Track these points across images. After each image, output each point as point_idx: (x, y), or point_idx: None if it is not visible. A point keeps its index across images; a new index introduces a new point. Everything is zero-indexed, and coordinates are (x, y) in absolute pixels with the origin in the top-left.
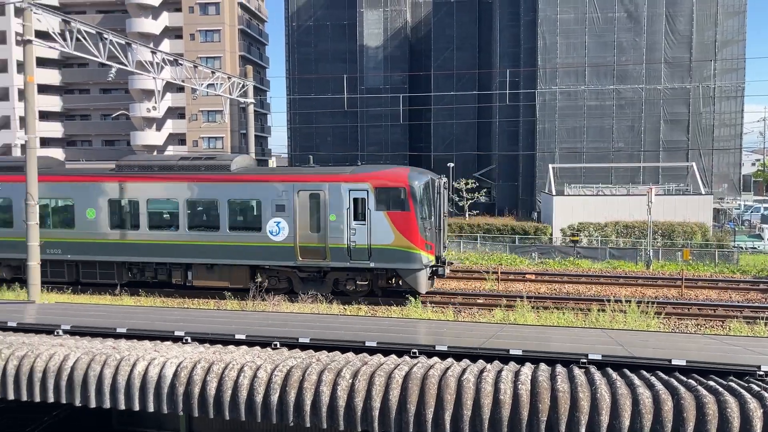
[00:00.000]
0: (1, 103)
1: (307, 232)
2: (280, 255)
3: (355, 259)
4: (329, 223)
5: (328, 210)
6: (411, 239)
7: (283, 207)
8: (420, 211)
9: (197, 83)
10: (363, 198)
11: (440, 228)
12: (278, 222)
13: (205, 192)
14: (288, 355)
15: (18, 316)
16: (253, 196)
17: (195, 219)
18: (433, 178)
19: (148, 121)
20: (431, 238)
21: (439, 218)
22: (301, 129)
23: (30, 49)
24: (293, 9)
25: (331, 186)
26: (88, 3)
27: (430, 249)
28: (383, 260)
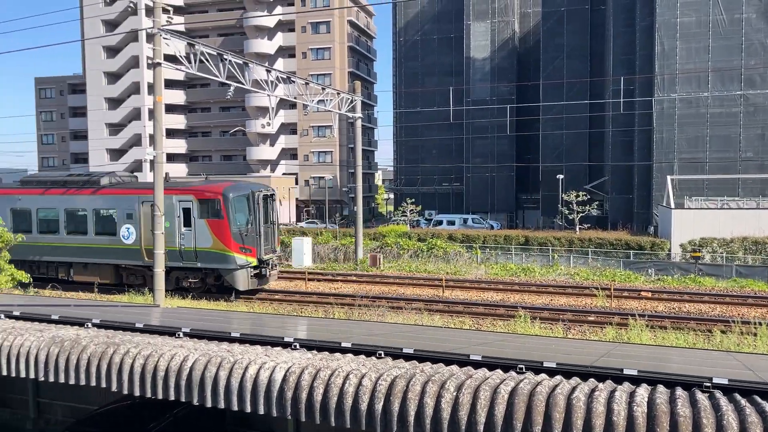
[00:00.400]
0: (134, 122)
1: (150, 236)
2: (131, 256)
3: (186, 260)
4: (165, 228)
5: (164, 218)
6: (225, 243)
7: (131, 215)
8: (234, 219)
9: (308, 99)
10: (189, 208)
11: (260, 234)
12: (128, 228)
13: (78, 203)
14: (392, 365)
15: (144, 318)
16: (111, 206)
17: (71, 225)
18: (254, 191)
19: (262, 136)
20: (249, 242)
21: (259, 226)
22: (407, 142)
23: (159, 72)
24: (401, 25)
25: (165, 198)
26: (210, 27)
27: (248, 252)
28: (206, 261)
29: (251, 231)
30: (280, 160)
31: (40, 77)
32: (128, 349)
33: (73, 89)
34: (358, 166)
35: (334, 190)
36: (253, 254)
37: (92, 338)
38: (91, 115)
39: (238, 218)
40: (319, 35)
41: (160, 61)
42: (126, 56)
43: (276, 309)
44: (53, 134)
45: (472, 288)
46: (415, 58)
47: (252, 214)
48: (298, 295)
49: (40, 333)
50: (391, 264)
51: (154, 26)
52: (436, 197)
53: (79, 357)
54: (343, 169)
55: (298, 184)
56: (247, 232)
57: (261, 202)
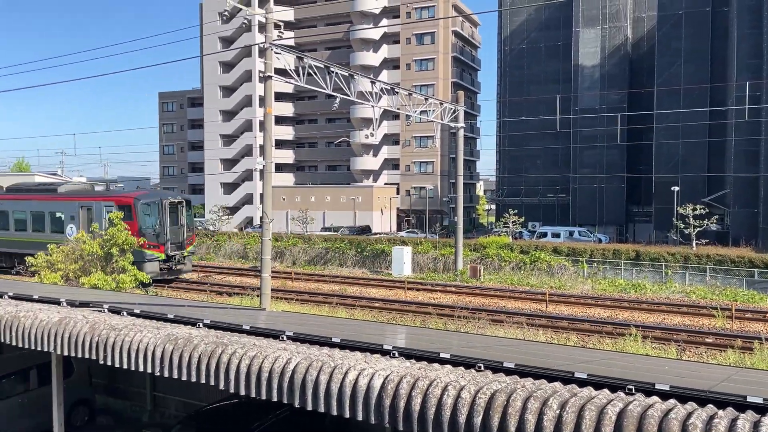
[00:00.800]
0: (246, 133)
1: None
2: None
3: None
4: (95, 228)
5: (95, 218)
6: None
7: (74, 217)
8: (142, 221)
9: (411, 110)
10: (112, 210)
11: (167, 234)
12: (72, 226)
13: (39, 206)
14: (492, 378)
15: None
16: (60, 210)
17: (35, 224)
18: (162, 198)
19: (366, 147)
20: (157, 239)
21: (166, 227)
22: (511, 152)
23: (270, 84)
24: (506, 33)
25: (95, 203)
26: (318, 41)
27: (156, 248)
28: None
29: (159, 231)
30: (382, 170)
31: (163, 92)
32: (235, 349)
33: (191, 103)
34: (459, 175)
35: (435, 200)
36: (161, 250)
37: (203, 338)
38: (207, 127)
39: (146, 220)
40: (423, 46)
41: (271, 74)
42: (240, 71)
43: (375, 316)
44: (173, 145)
45: (577, 303)
46: (520, 67)
47: (160, 217)
48: (397, 303)
49: (157, 330)
50: (491, 276)
51: (266, 41)
52: (540, 208)
53: (191, 355)
54: (444, 179)
55: (399, 193)
56: (154, 230)
57: (168, 207)
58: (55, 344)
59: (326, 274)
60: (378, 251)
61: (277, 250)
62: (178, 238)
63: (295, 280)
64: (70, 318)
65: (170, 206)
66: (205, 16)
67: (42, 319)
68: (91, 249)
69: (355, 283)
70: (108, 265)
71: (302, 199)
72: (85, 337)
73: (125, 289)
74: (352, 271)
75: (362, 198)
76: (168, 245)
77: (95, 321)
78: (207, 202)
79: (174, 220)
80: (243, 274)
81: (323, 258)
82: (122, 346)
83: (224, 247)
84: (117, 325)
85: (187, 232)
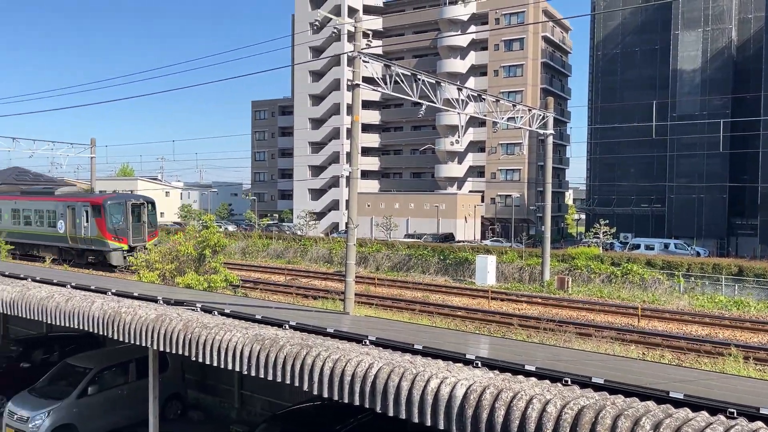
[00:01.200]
0: (333, 140)
1: (72, 228)
2: (63, 240)
3: (88, 244)
4: (76, 223)
5: (76, 216)
6: (103, 233)
7: (63, 214)
8: (109, 218)
9: (498, 117)
10: (88, 210)
11: (129, 229)
12: (62, 222)
13: (41, 206)
14: (579, 393)
15: (335, 324)
16: (54, 209)
17: (37, 220)
18: (126, 200)
19: (450, 154)
20: (121, 234)
21: (129, 223)
22: (602, 160)
23: (357, 92)
24: (599, 38)
25: (77, 203)
26: (405, 50)
27: (120, 240)
28: (96, 245)
29: (123, 226)
30: (467, 177)
31: (256, 101)
32: (319, 351)
33: (282, 111)
34: (547, 183)
35: (521, 208)
36: (125, 242)
37: (289, 339)
38: (296, 134)
39: (113, 218)
40: (511, 53)
41: (359, 82)
42: (328, 80)
43: (457, 325)
44: (264, 152)
45: (672, 319)
46: (613, 72)
47: (124, 215)
48: (480, 313)
49: (246, 330)
50: (580, 288)
51: (354, 50)
52: (632, 219)
53: (276, 355)
54: (531, 187)
55: (483, 201)
56: (119, 227)
57: (131, 208)
58: (152, 340)
59: (409, 280)
60: (461, 259)
61: (361, 256)
62: (140, 232)
63: (378, 285)
64: (166, 315)
65: (133, 207)
66: (297, 26)
67: (141, 315)
68: (186, 250)
69: (437, 291)
70: (201, 266)
71: (386, 206)
72: (179, 334)
73: (216, 289)
74: (435, 278)
75: (446, 205)
76: (130, 238)
77: (189, 319)
78: (295, 207)
79: (137, 218)
80: (328, 278)
81: (406, 264)
82: (213, 345)
83: (310, 252)
84: (208, 323)
85: (149, 228)
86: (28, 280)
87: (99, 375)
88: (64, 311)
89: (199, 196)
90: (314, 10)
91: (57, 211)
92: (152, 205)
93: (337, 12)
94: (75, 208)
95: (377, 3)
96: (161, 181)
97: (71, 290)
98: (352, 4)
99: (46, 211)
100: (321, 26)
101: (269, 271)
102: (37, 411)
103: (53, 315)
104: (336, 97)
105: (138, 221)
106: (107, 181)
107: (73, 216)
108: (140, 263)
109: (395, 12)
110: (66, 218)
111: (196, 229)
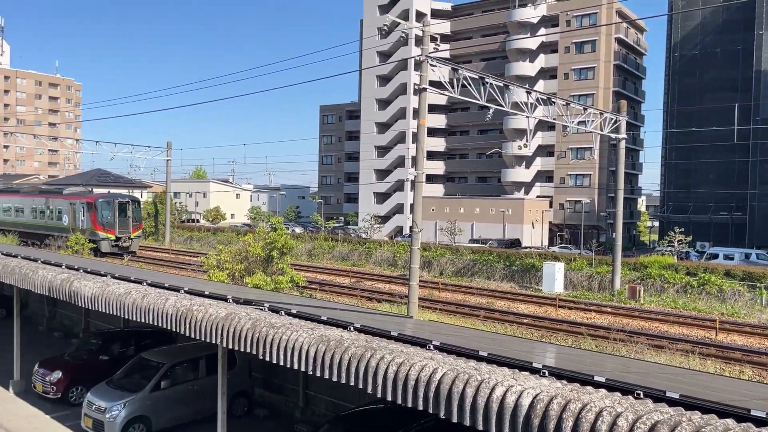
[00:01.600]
0: (399, 144)
1: (72, 221)
2: (66, 231)
3: (84, 234)
4: (75, 217)
5: (77, 212)
6: (94, 226)
7: (67, 210)
8: (99, 213)
9: (568, 120)
10: (84, 206)
11: (116, 222)
12: (65, 216)
13: (51, 203)
14: (653, 408)
15: (398, 328)
16: (60, 206)
17: (47, 214)
18: (114, 199)
19: (518, 158)
20: (109, 226)
21: (116, 218)
22: (678, 165)
23: (424, 96)
24: (676, 39)
25: (77, 201)
26: (473, 53)
27: (108, 231)
28: (89, 235)
29: (110, 220)
30: (534, 182)
31: (324, 105)
32: (383, 355)
33: (349, 115)
34: (619, 189)
35: (591, 214)
36: (112, 233)
37: (353, 341)
38: (362, 138)
39: (102, 213)
40: (583, 55)
41: (426, 86)
42: (395, 84)
43: (523, 333)
44: (332, 155)
45: (753, 333)
46: (691, 74)
47: (112, 211)
48: (547, 321)
49: (311, 331)
50: (652, 298)
51: (422, 54)
52: (710, 227)
53: (341, 357)
54: (601, 193)
55: (552, 207)
56: (107, 221)
57: (118, 205)
58: (222, 337)
59: (473, 286)
60: (528, 266)
61: (425, 260)
62: (125, 226)
63: (441, 290)
64: (236, 314)
65: (120, 204)
66: (365, 31)
67: (211, 313)
68: (255, 251)
69: (502, 298)
70: (269, 267)
71: (451, 210)
72: (247, 332)
73: (282, 290)
74: (500, 284)
75: (512, 210)
76: (117, 230)
77: (257, 318)
78: (360, 210)
79: (123, 214)
80: (391, 282)
81: (470, 270)
82: (279, 344)
83: (375, 255)
84: (276, 323)
85: (133, 223)
86: (108, 276)
87: (171, 370)
88: (140, 307)
89: (268, 199)
90: (383, 15)
91: (62, 208)
92: (137, 203)
93: (406, 16)
94: (75, 205)
95: (445, 7)
96: (232, 184)
97: (147, 287)
98: (420, 8)
99: (54, 208)
100: (389, 31)
101: (334, 273)
102: (113, 402)
103: (130, 310)
104: (402, 101)
105: (124, 216)
106: (181, 182)
107: (73, 211)
108: (211, 263)
109: (463, 16)
110: (68, 213)
111: (264, 231)
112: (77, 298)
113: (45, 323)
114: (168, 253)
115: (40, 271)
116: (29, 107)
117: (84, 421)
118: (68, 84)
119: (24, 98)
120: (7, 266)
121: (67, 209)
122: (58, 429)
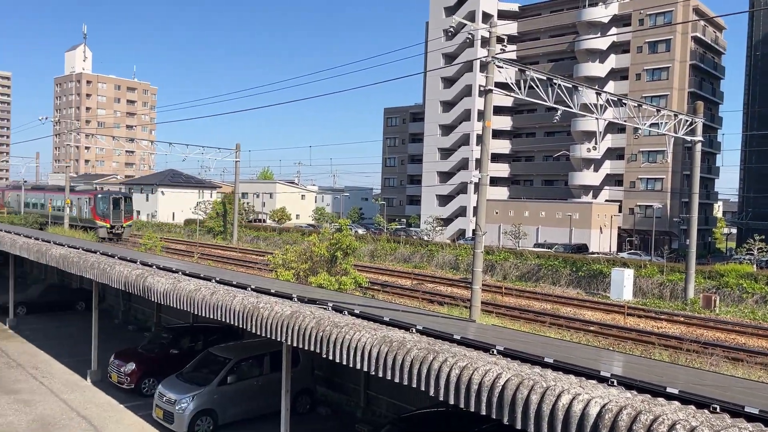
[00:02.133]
0: (463, 147)
1: (78, 212)
2: (75, 220)
3: (86, 223)
4: (81, 209)
5: (82, 205)
6: (94, 216)
7: (75, 204)
8: (98, 205)
9: (640, 123)
10: (87, 200)
11: (110, 213)
12: (75, 208)
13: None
14: (731, 423)
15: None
16: (72, 200)
17: (63, 207)
18: (111, 195)
19: (586, 161)
20: (105, 216)
21: (110, 209)
22: (760, 169)
23: (489, 98)
24: (758, 37)
25: (82, 196)
26: (540, 54)
27: (105, 220)
28: (90, 223)
29: (106, 211)
30: (603, 186)
31: (388, 107)
32: (446, 357)
33: (413, 117)
34: (694, 194)
35: (663, 220)
36: (107, 222)
37: (416, 343)
38: (426, 141)
39: (100, 206)
40: (656, 55)
41: (491, 88)
42: (460, 86)
43: (589, 340)
44: (395, 157)
45: None
46: None
47: (107, 204)
48: (615, 329)
49: (374, 331)
50: (729, 308)
51: (488, 55)
52: None
53: (404, 358)
54: (674, 197)
55: (621, 211)
56: (104, 212)
57: (113, 200)
58: (286, 335)
59: (538, 291)
60: (595, 272)
61: (488, 264)
62: (118, 217)
63: (505, 294)
64: (300, 312)
65: (114, 199)
66: (431, 33)
67: (277, 311)
68: (320, 251)
69: (568, 304)
70: (333, 267)
71: (515, 214)
72: (311, 331)
73: (346, 290)
74: (566, 290)
75: (579, 215)
76: (111, 220)
77: (321, 317)
78: (423, 212)
79: (117, 207)
80: (453, 285)
81: (535, 275)
82: (343, 343)
83: (437, 257)
84: (339, 322)
85: (125, 215)
86: (179, 273)
87: (237, 365)
88: (209, 304)
89: (332, 200)
90: (449, 16)
91: (73, 201)
92: (129, 199)
93: (472, 18)
94: (81, 200)
95: (512, 8)
96: (297, 185)
97: (216, 284)
98: (487, 9)
99: (73, 201)
100: (455, 32)
101: (396, 274)
102: (183, 395)
103: (200, 306)
104: (467, 103)
105: (118, 209)
106: (249, 183)
107: (80, 204)
108: (277, 262)
109: (531, 16)
110: (77, 206)
111: (329, 232)
112: (150, 293)
113: (120, 316)
114: (235, 251)
115: (117, 267)
116: (109, 110)
117: (155, 411)
118: (144, 88)
119: (104, 101)
120: (87, 261)
121: (75, 203)
122: (131, 418)
